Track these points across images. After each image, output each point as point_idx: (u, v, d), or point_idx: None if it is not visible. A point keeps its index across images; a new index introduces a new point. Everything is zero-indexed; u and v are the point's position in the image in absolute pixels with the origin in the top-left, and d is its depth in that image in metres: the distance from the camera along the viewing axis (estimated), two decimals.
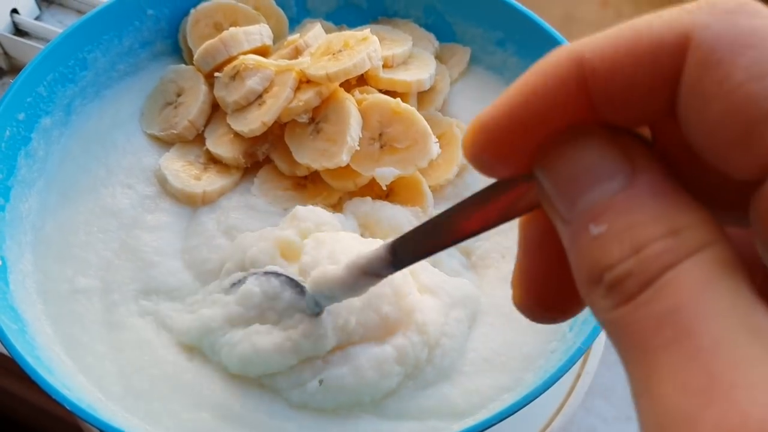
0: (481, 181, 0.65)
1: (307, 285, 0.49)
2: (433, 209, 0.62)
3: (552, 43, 0.65)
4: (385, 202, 0.62)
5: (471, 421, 0.50)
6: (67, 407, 0.48)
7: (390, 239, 0.38)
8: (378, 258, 0.39)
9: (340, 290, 0.45)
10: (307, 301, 0.50)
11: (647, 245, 0.21)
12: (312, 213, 0.57)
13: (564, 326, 0.57)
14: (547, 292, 0.29)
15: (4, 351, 0.70)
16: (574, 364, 0.49)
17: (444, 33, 0.73)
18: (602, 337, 0.70)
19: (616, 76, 0.23)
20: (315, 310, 0.50)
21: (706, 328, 0.20)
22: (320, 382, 0.51)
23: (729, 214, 0.24)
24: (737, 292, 0.20)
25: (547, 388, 0.48)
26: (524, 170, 0.26)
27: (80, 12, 0.95)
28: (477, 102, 0.70)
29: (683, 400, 0.19)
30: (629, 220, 0.22)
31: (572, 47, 0.23)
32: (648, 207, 0.22)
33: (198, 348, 0.55)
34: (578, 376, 0.68)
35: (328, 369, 0.51)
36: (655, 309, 0.21)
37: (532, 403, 0.49)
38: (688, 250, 0.21)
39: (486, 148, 0.26)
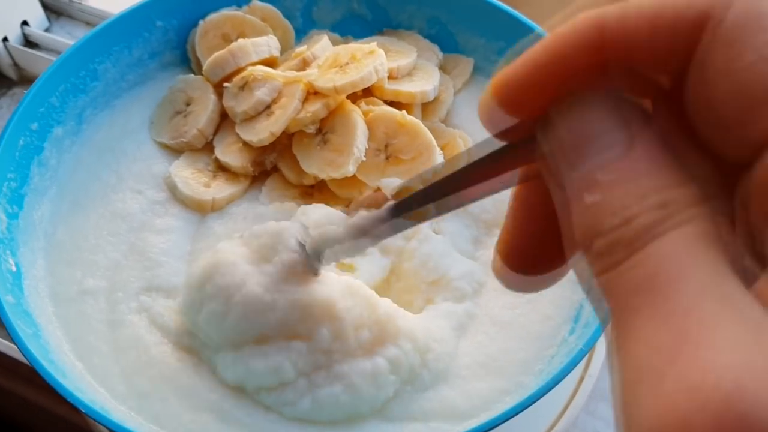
0: None
1: (307, 245, 0.50)
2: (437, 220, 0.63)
3: None
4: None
5: (475, 422, 0.51)
6: (82, 410, 0.49)
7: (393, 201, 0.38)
8: (379, 219, 0.39)
9: (341, 250, 0.45)
10: (310, 251, 0.50)
11: (637, 216, 0.22)
12: (319, 208, 0.60)
13: (564, 332, 0.58)
14: (529, 259, 0.31)
15: (10, 353, 0.71)
16: (576, 365, 0.50)
17: (447, 43, 0.75)
18: (605, 341, 0.71)
19: (634, 44, 0.23)
20: (316, 263, 0.50)
21: (679, 293, 0.21)
22: None
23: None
24: (713, 263, 0.21)
25: (550, 389, 0.50)
26: (543, 115, 0.27)
27: (89, 23, 0.97)
28: None
29: (652, 356, 0.20)
30: (622, 190, 0.23)
31: (595, 13, 0.24)
32: (641, 179, 0.23)
33: (190, 348, 0.56)
34: (581, 379, 0.69)
35: (315, 390, 0.51)
36: (636, 274, 0.22)
37: (536, 405, 0.50)
38: (673, 223, 0.22)
39: (500, 105, 0.26)
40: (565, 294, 0.60)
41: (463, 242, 0.63)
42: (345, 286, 0.53)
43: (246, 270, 0.52)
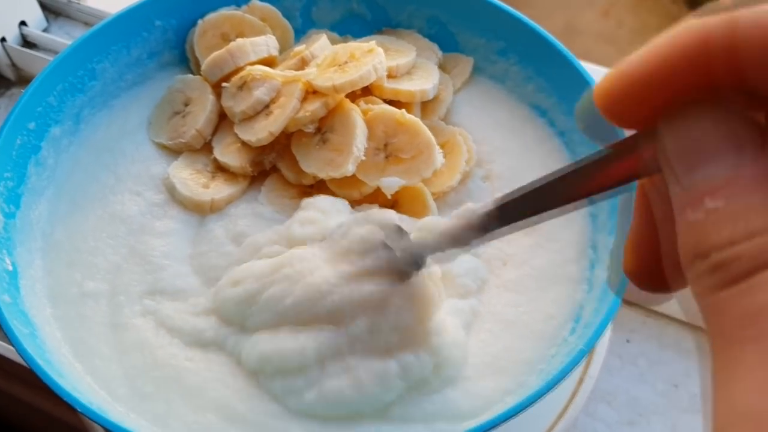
0: (483, 189, 0.66)
1: (413, 233, 0.48)
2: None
3: (553, 51, 0.67)
4: (391, 211, 0.63)
5: (474, 422, 0.51)
6: (79, 410, 0.49)
7: (499, 195, 0.38)
8: (486, 214, 0.39)
9: (446, 241, 0.44)
10: (404, 257, 0.49)
11: (762, 233, 0.21)
12: (323, 199, 0.60)
13: (564, 332, 0.58)
14: (658, 261, 0.29)
15: (8, 355, 0.71)
16: (576, 365, 0.50)
17: (447, 43, 0.74)
18: (605, 342, 0.71)
19: (740, 57, 0.22)
20: (409, 269, 0.50)
21: None
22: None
23: None
24: None
25: (550, 390, 0.49)
26: (651, 125, 0.26)
27: (87, 24, 0.97)
28: (480, 110, 0.71)
29: (760, 400, 0.19)
30: (747, 202, 0.22)
31: (725, 16, 0.23)
32: (756, 198, 0.22)
33: (211, 342, 0.56)
34: (580, 380, 0.68)
35: (324, 380, 0.51)
36: (753, 300, 0.20)
37: (536, 406, 0.50)
38: None
39: (622, 97, 0.25)
40: (567, 293, 0.60)
41: None
42: (420, 285, 0.52)
43: (320, 264, 0.53)
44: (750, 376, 0.19)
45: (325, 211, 0.59)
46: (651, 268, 0.29)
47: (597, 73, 0.92)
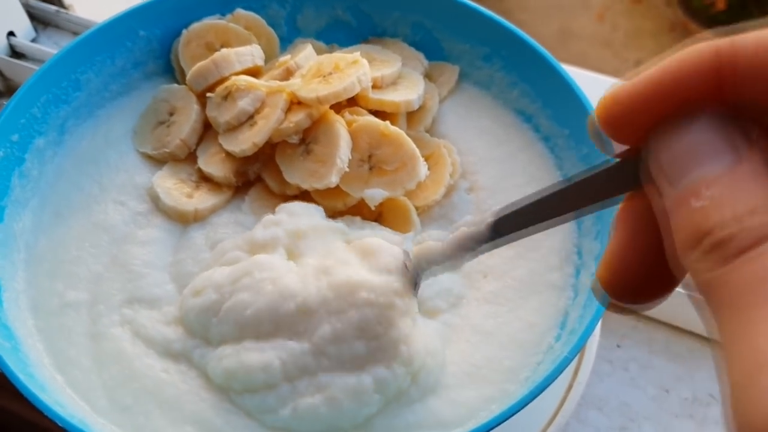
0: (468, 202, 0.65)
1: (412, 257, 0.50)
2: (421, 234, 0.63)
3: (536, 56, 0.67)
4: (374, 223, 0.62)
5: (460, 431, 0.51)
6: (60, 424, 0.49)
7: (492, 212, 0.39)
8: (478, 233, 0.41)
9: (440, 263, 0.46)
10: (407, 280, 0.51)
11: (750, 215, 0.24)
12: (299, 205, 0.60)
13: (550, 339, 0.58)
14: (634, 275, 0.31)
15: None
16: (560, 373, 0.50)
17: (432, 49, 0.74)
18: (594, 348, 0.71)
19: (754, 69, 0.25)
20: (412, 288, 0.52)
21: None
22: None
23: None
24: None
25: (535, 397, 0.49)
26: (642, 142, 0.28)
27: (76, 33, 0.97)
28: (465, 119, 0.71)
29: None
30: (731, 194, 0.25)
31: (716, 40, 0.26)
32: (750, 186, 0.25)
33: (180, 355, 0.56)
34: (570, 387, 0.68)
35: (296, 398, 0.51)
36: (750, 270, 0.23)
37: (524, 413, 0.50)
38: None
39: (616, 116, 0.28)
40: (550, 301, 0.60)
41: None
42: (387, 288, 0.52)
43: (283, 272, 0.54)
44: (760, 331, 0.22)
45: (294, 214, 0.59)
46: (627, 279, 0.32)
47: (590, 79, 0.92)
